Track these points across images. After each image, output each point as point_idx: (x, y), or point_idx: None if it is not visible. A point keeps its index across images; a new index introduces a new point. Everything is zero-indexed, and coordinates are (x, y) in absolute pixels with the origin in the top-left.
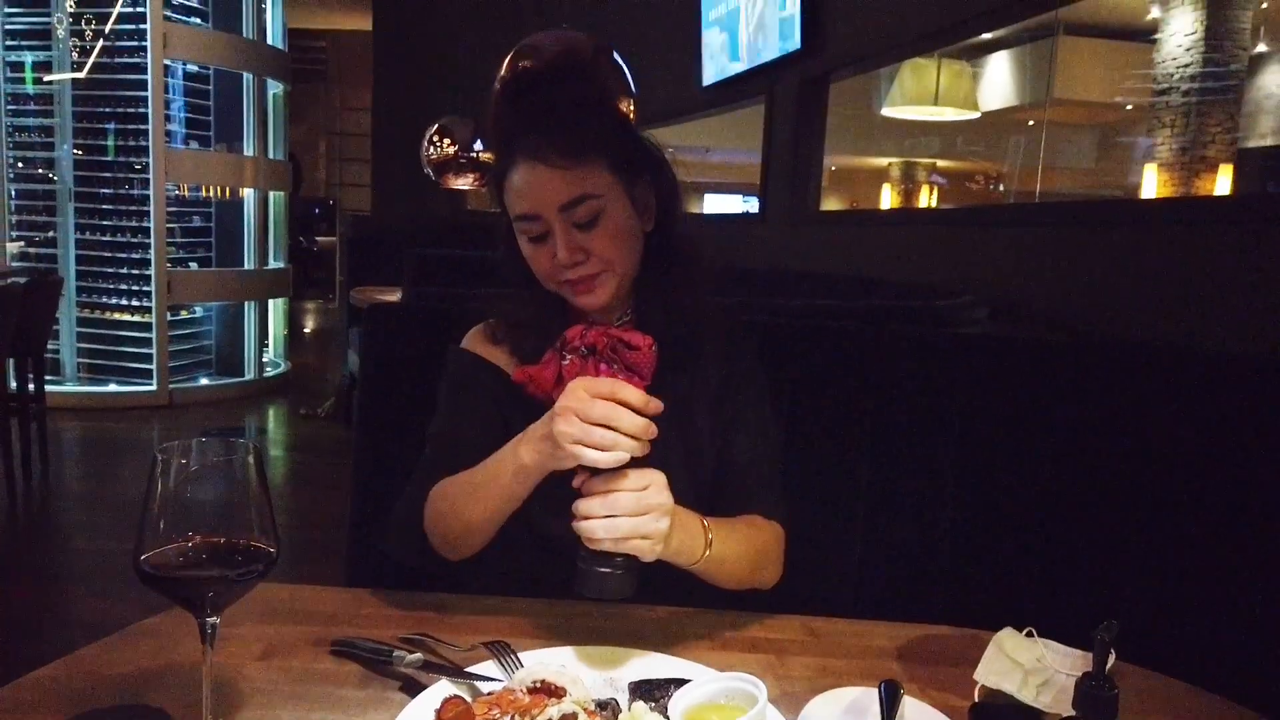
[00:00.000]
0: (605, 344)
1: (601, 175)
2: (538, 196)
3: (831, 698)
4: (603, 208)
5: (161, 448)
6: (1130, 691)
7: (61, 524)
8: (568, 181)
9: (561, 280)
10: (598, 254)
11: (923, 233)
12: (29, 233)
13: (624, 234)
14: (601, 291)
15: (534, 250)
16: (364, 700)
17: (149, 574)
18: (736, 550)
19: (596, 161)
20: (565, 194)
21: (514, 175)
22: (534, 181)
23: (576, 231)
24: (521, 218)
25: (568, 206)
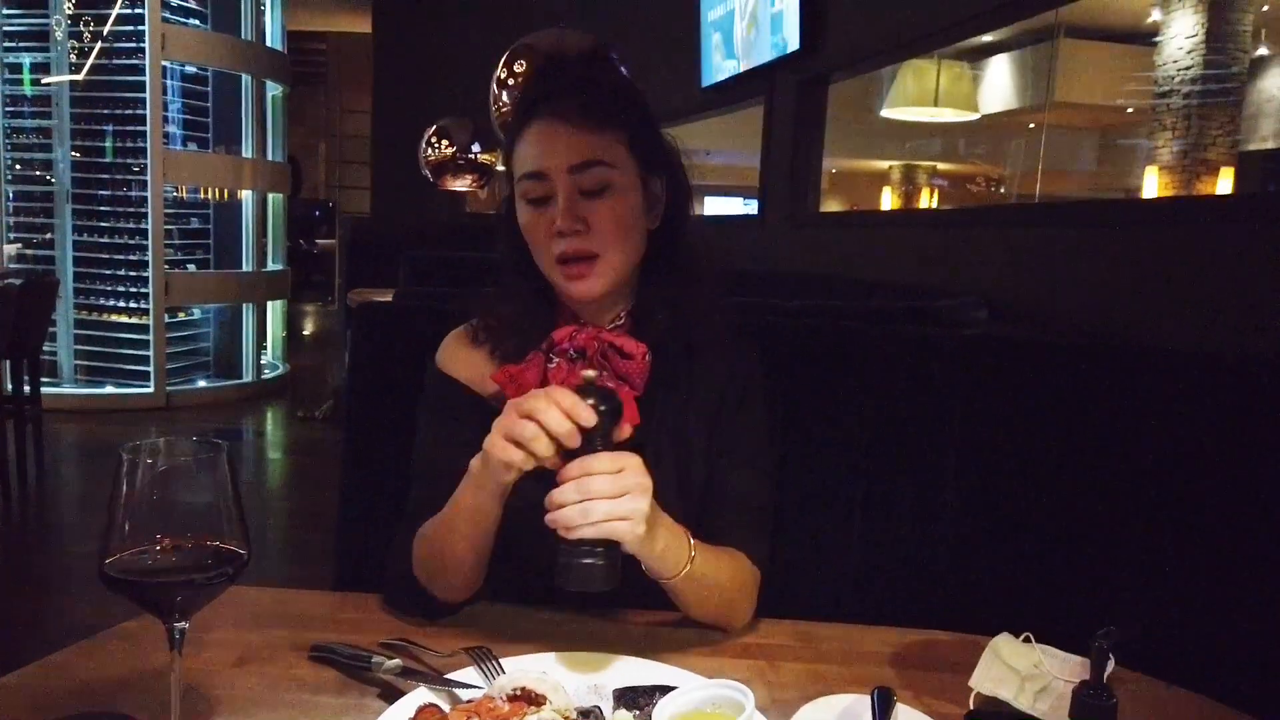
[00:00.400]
0: (596, 348)
1: (618, 149)
2: (550, 152)
3: (822, 705)
4: (612, 180)
5: (126, 447)
6: (1130, 698)
7: (57, 527)
8: (582, 143)
9: (556, 254)
10: (598, 229)
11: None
12: (27, 234)
13: (628, 218)
14: (595, 281)
15: (532, 216)
16: (340, 707)
17: (114, 579)
18: (716, 576)
19: (617, 133)
20: (579, 154)
21: (528, 132)
22: (548, 137)
23: (581, 199)
24: (527, 175)
25: (578, 168)
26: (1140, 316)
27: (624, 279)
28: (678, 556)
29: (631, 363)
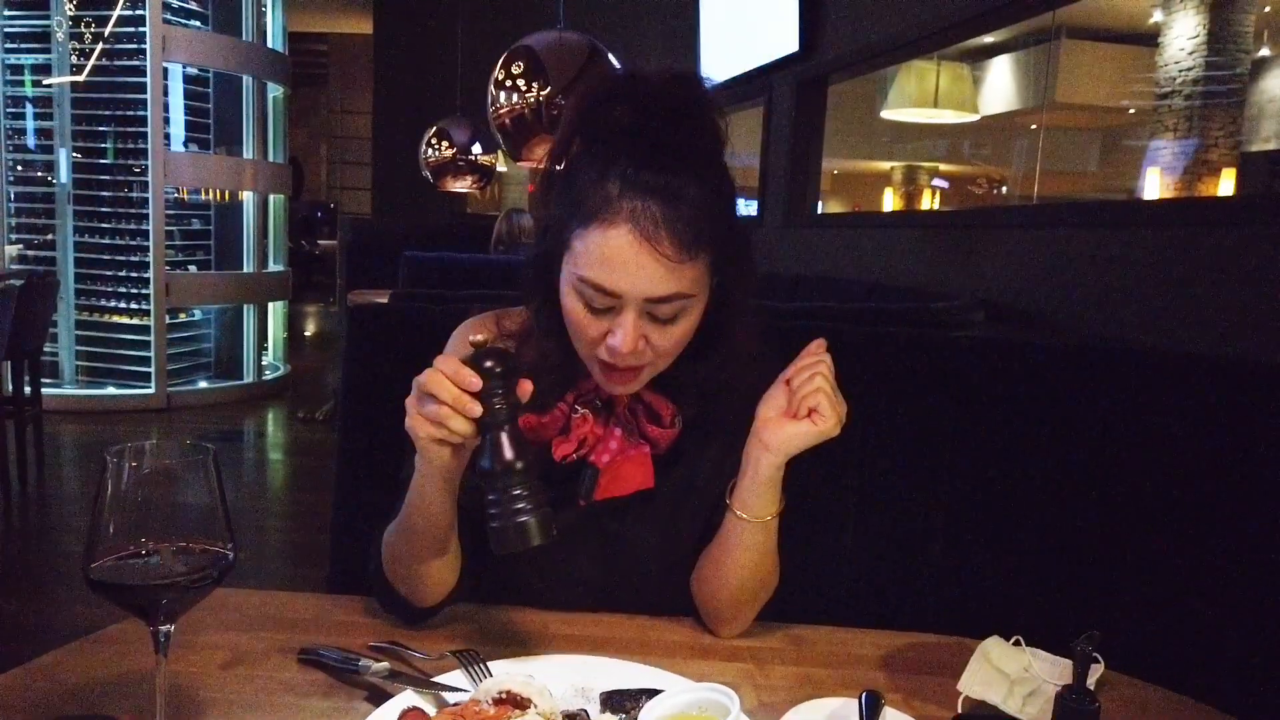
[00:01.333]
0: (625, 403)
1: (700, 274)
2: (629, 280)
3: (810, 708)
4: (689, 308)
5: (110, 450)
6: (1117, 701)
7: (57, 529)
8: (669, 276)
9: (601, 358)
10: (658, 349)
11: (919, 235)
12: (28, 235)
13: (688, 336)
14: (636, 385)
15: (586, 317)
16: (327, 711)
17: (98, 582)
18: (774, 545)
19: (702, 258)
20: (660, 288)
21: (603, 236)
22: (632, 262)
23: (648, 322)
24: (594, 286)
25: (656, 302)
26: (1139, 318)
27: None
28: (775, 499)
29: (660, 429)
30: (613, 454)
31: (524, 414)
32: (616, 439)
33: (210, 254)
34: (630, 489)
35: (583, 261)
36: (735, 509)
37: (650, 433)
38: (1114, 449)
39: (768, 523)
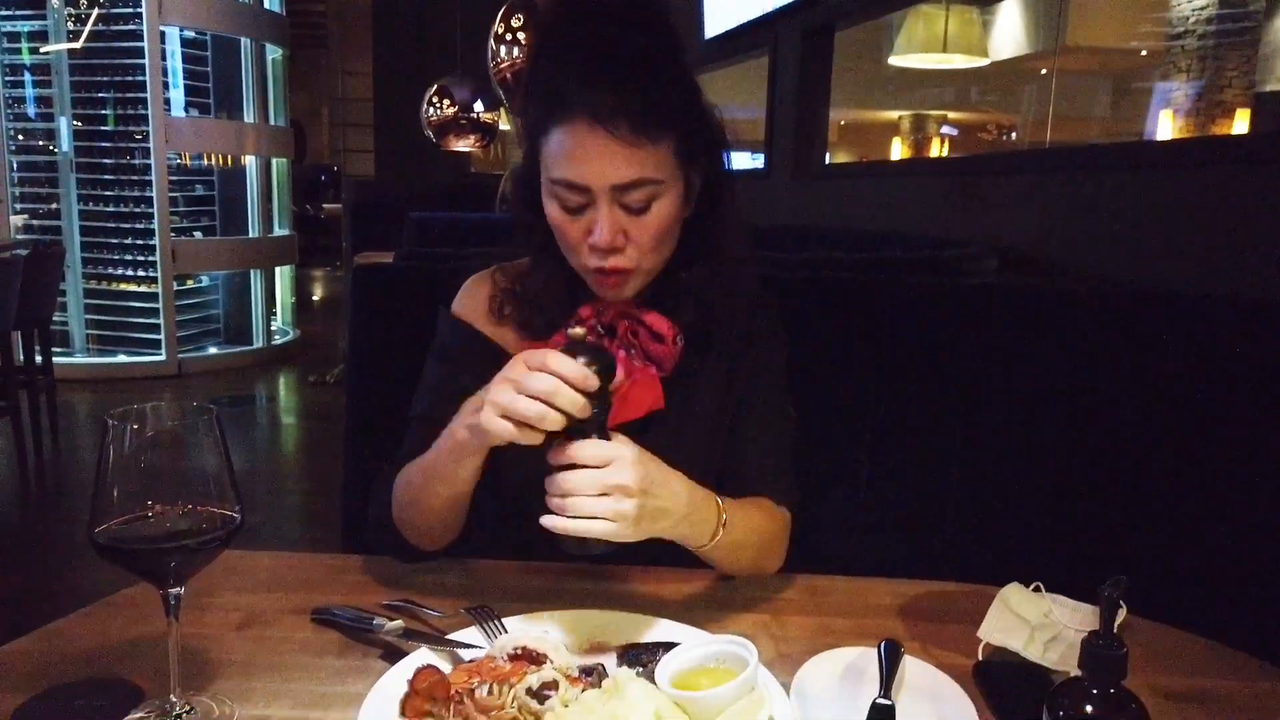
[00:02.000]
0: (626, 327)
1: (666, 157)
2: (593, 168)
3: (828, 659)
4: (657, 194)
5: (112, 414)
6: (1141, 646)
7: (72, 496)
8: (631, 159)
9: (590, 265)
10: (638, 243)
11: (930, 184)
12: (32, 205)
13: (670, 225)
14: (628, 287)
15: (566, 221)
16: (342, 669)
17: (104, 546)
18: (747, 536)
19: (665, 140)
20: (625, 173)
21: (563, 133)
22: (592, 150)
23: (622, 213)
24: (564, 184)
25: (624, 188)
26: (1153, 261)
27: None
28: (703, 530)
29: (664, 348)
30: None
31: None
32: (622, 361)
33: (215, 220)
34: (641, 411)
35: (551, 163)
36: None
37: (654, 352)
38: (1131, 393)
39: (719, 540)
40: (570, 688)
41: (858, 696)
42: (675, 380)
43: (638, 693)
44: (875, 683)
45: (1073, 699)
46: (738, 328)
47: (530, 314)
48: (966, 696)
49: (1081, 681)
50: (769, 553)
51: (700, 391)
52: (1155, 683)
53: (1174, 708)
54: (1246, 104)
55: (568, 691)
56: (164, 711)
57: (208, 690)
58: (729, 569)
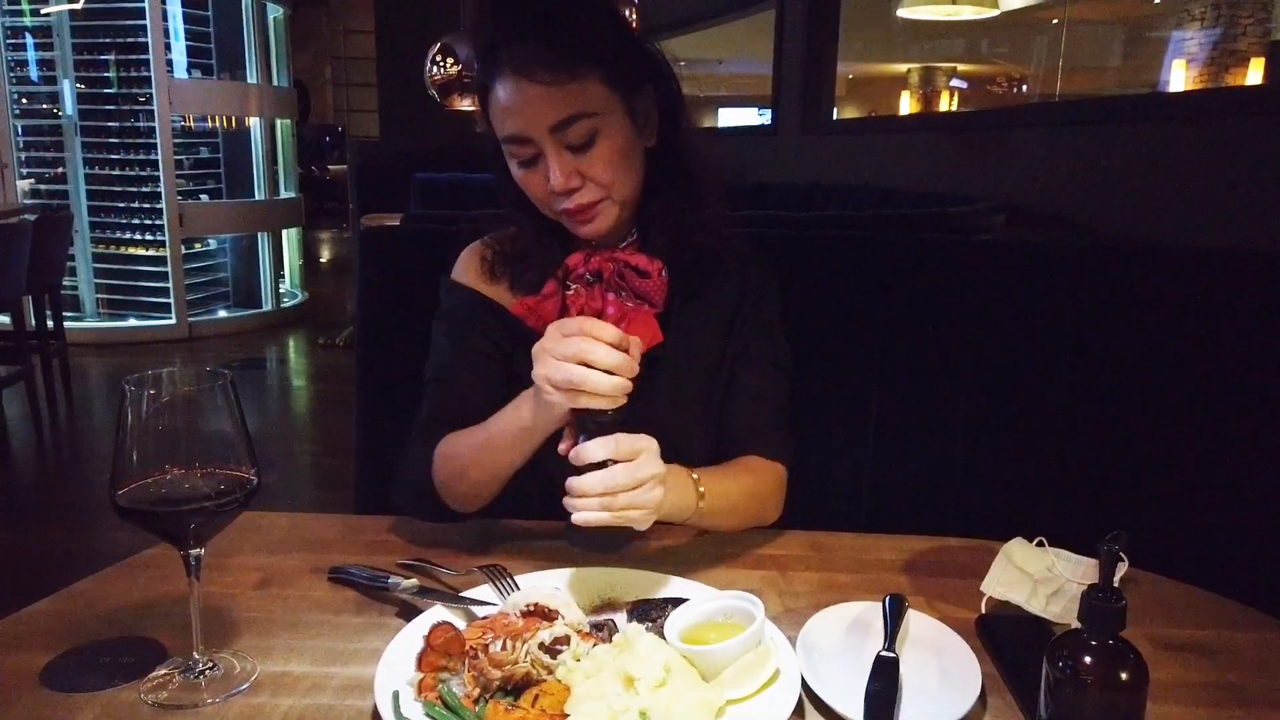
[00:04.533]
0: (611, 270)
1: (596, 90)
2: (525, 116)
3: (834, 613)
4: (598, 127)
5: (129, 379)
6: (1142, 598)
7: (86, 458)
8: (558, 99)
9: (558, 209)
10: (595, 178)
11: (938, 139)
12: (38, 169)
13: (623, 155)
14: (602, 220)
15: (525, 175)
16: (359, 627)
17: (126, 508)
18: (730, 501)
19: (590, 74)
20: (555, 113)
21: (498, 91)
22: (520, 99)
23: (570, 154)
24: (509, 139)
25: (559, 127)
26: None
27: (632, 205)
28: (683, 506)
29: (649, 281)
30: (613, 319)
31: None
32: (613, 304)
33: (221, 183)
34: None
35: (497, 126)
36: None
37: (641, 288)
38: (1137, 349)
39: (701, 508)
40: (581, 643)
41: (863, 650)
42: (672, 319)
43: (647, 647)
44: (880, 636)
45: (1072, 650)
46: (729, 264)
47: (521, 269)
48: (969, 649)
49: (1081, 633)
50: (761, 509)
51: (699, 331)
52: (1155, 634)
53: (1174, 658)
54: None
55: (579, 646)
56: (187, 668)
57: (229, 647)
58: (719, 528)
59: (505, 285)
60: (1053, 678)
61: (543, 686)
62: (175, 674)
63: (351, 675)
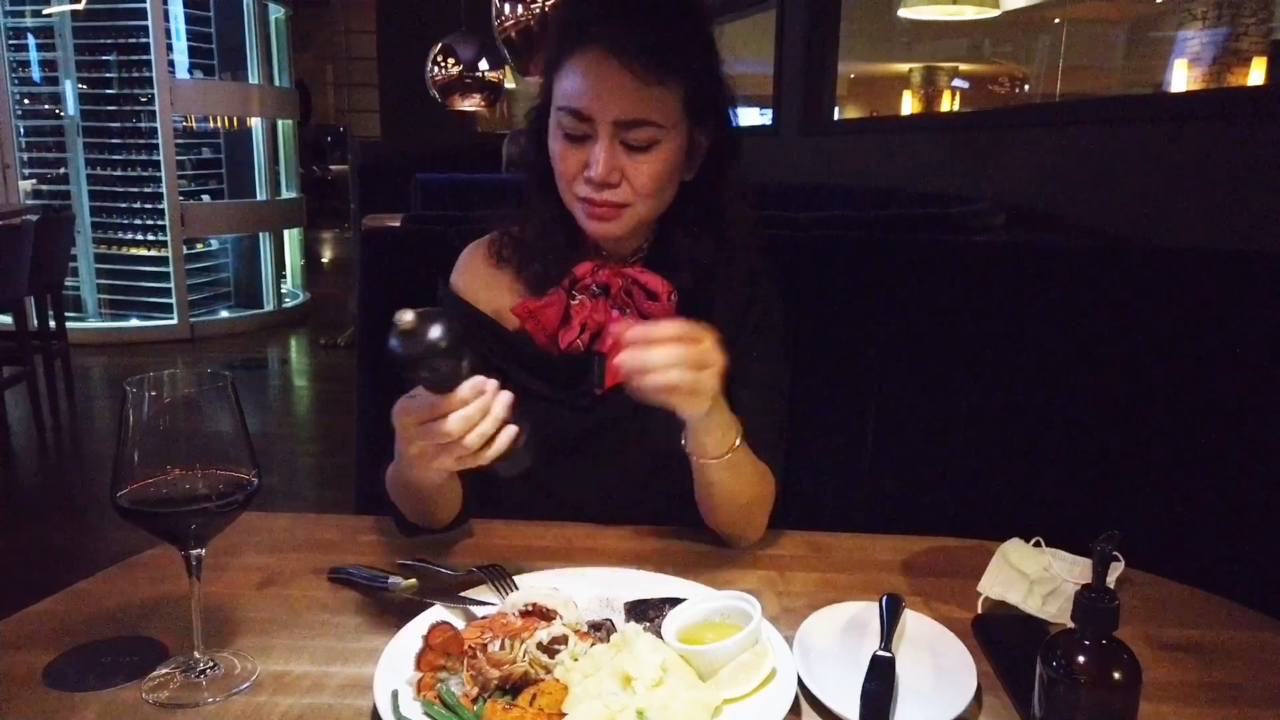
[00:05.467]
0: (620, 286)
1: (673, 105)
2: (599, 99)
3: (831, 613)
4: (658, 139)
5: (130, 380)
6: (1138, 598)
7: (88, 459)
8: (637, 98)
9: (581, 195)
10: (633, 184)
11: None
12: (40, 170)
13: (667, 175)
14: (616, 226)
15: (565, 149)
16: (359, 626)
17: (127, 509)
18: (750, 472)
19: (675, 87)
20: (631, 110)
21: (577, 61)
22: (601, 80)
23: (622, 151)
24: (568, 110)
25: (626, 124)
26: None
27: (649, 223)
28: (727, 437)
29: (658, 305)
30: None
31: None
32: (617, 320)
33: (223, 183)
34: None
35: (561, 94)
36: (693, 455)
37: (649, 310)
38: (1137, 349)
39: (728, 458)
40: (579, 642)
41: (859, 649)
42: None
43: (645, 647)
44: (876, 636)
45: (1065, 650)
46: (737, 295)
47: (528, 259)
48: (966, 649)
49: (1074, 633)
50: (757, 508)
51: None
52: (1150, 633)
53: (1169, 658)
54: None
55: (577, 646)
56: (188, 668)
57: (229, 647)
58: (723, 506)
59: (510, 273)
60: (1046, 677)
61: (541, 686)
62: (176, 673)
63: (351, 675)
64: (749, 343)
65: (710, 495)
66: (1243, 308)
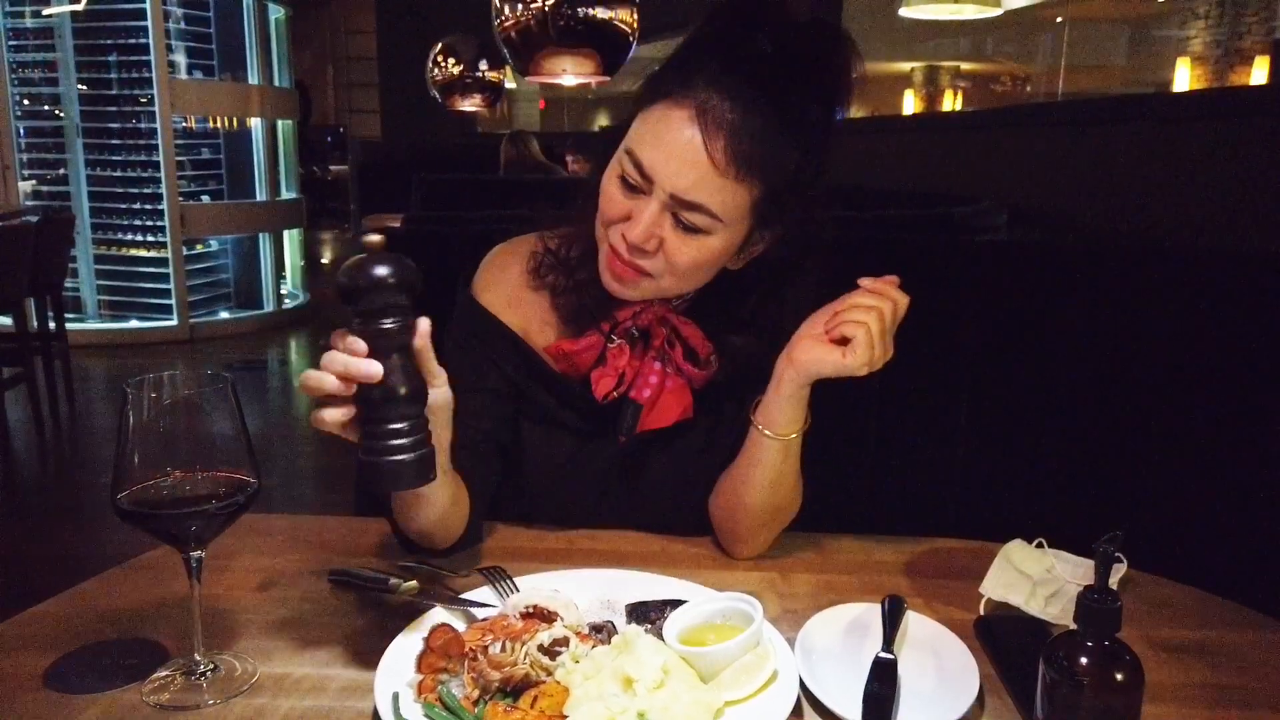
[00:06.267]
0: (663, 336)
1: (740, 203)
2: (666, 165)
3: (833, 615)
4: (710, 230)
5: (130, 382)
6: (1141, 599)
7: (88, 460)
8: (706, 184)
9: (612, 243)
10: (669, 259)
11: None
12: (40, 170)
13: (708, 263)
14: (633, 291)
15: (615, 190)
16: (360, 629)
17: (127, 511)
18: (795, 468)
19: (749, 188)
20: (693, 192)
21: (664, 110)
22: (677, 146)
23: (669, 223)
24: (633, 160)
25: (681, 204)
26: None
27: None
28: (796, 420)
29: (697, 369)
30: (653, 389)
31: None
32: (656, 373)
33: (222, 184)
34: (671, 420)
35: (635, 136)
36: (758, 423)
37: (689, 371)
38: (1137, 349)
39: (790, 441)
40: (580, 644)
41: (861, 651)
42: (709, 393)
43: (646, 648)
44: (878, 638)
45: (1068, 651)
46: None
47: (567, 284)
48: (968, 650)
49: (1076, 634)
50: (783, 515)
51: (729, 403)
52: (1153, 635)
53: (1172, 659)
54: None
55: (578, 648)
56: (188, 670)
57: (230, 649)
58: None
59: (545, 295)
60: (1048, 679)
61: (542, 688)
62: (177, 675)
63: (352, 677)
64: None
65: (752, 477)
66: (1245, 308)
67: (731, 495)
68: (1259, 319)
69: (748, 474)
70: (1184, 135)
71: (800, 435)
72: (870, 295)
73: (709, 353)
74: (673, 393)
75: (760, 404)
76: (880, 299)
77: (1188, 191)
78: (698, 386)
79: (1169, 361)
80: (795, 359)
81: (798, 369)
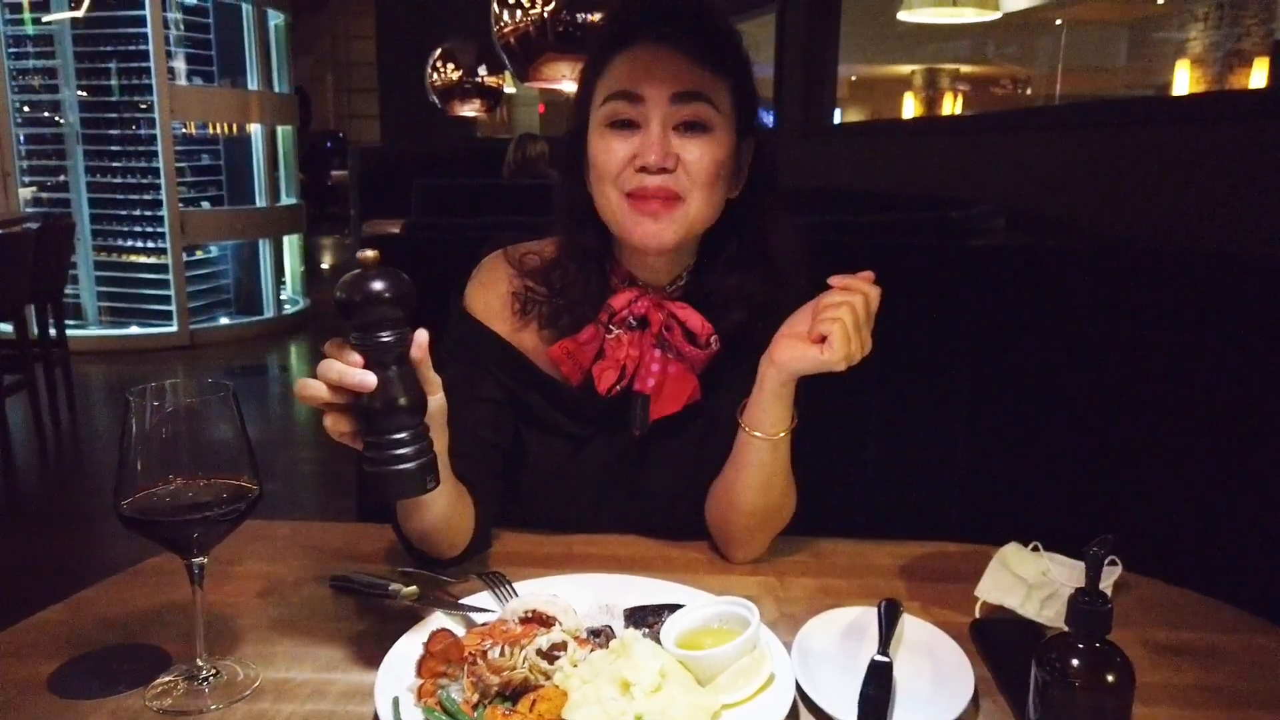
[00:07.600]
0: (660, 321)
1: (724, 95)
2: (653, 76)
3: (829, 618)
4: (712, 121)
5: (132, 390)
6: (1136, 602)
7: (89, 467)
8: (694, 74)
9: (630, 188)
10: (689, 169)
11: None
12: (40, 177)
13: (719, 169)
14: (668, 226)
15: (613, 139)
16: (360, 634)
17: (130, 518)
18: (786, 468)
19: (725, 79)
20: (685, 82)
21: (629, 51)
22: (654, 59)
23: (674, 135)
24: (619, 95)
25: (682, 97)
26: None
27: (694, 236)
28: (783, 420)
29: (697, 352)
30: (656, 377)
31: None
32: (658, 361)
33: (222, 190)
34: (680, 404)
35: (606, 87)
36: (745, 425)
37: (690, 354)
38: (1136, 352)
39: (777, 441)
40: (579, 648)
41: (857, 654)
42: (711, 383)
43: (644, 652)
44: (875, 641)
45: (1059, 653)
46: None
47: (558, 311)
48: (963, 653)
49: (1068, 636)
50: (777, 515)
51: (736, 385)
52: (1146, 637)
53: (1166, 661)
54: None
55: (576, 652)
56: (191, 675)
57: (232, 654)
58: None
59: (534, 328)
60: (1041, 680)
61: (540, 692)
62: (179, 681)
63: (352, 681)
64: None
65: (743, 480)
66: (1243, 312)
67: (725, 499)
68: (1257, 322)
69: (739, 477)
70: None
71: (788, 434)
72: (842, 292)
73: (709, 334)
74: (677, 379)
75: (746, 406)
76: (852, 294)
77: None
78: (699, 369)
79: (1166, 365)
80: (775, 358)
81: (779, 368)
